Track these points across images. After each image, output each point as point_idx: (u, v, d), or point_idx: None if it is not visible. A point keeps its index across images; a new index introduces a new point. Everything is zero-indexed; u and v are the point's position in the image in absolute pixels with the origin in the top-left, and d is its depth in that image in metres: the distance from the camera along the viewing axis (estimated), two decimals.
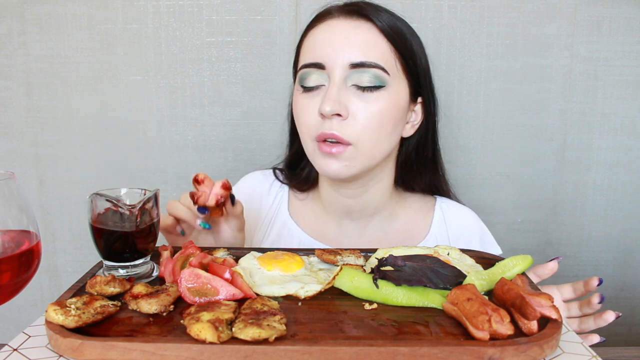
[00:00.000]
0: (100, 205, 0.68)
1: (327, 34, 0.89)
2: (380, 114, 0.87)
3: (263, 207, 1.07)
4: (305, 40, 0.94)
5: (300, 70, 0.91)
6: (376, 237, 1.01)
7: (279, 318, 0.56)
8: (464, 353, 0.51)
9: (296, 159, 1.07)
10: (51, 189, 1.34)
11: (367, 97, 0.86)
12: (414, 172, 1.03)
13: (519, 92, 1.30)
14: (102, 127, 1.30)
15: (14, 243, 0.62)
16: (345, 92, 0.86)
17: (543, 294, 0.58)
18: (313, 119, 0.88)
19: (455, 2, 1.25)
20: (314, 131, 0.88)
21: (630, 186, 1.35)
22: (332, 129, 0.85)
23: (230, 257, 0.74)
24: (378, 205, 1.00)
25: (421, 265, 0.67)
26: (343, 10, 0.90)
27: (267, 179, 1.09)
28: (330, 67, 0.87)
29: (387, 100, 0.87)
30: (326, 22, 0.90)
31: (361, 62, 0.86)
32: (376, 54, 0.87)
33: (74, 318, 0.55)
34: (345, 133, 0.86)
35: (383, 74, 0.87)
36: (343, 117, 0.85)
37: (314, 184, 1.05)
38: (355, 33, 0.87)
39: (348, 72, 0.86)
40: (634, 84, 1.30)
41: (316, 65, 0.88)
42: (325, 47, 0.88)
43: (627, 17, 1.26)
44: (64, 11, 1.25)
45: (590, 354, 0.55)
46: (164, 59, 1.27)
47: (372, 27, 0.88)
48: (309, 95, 0.90)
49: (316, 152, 0.89)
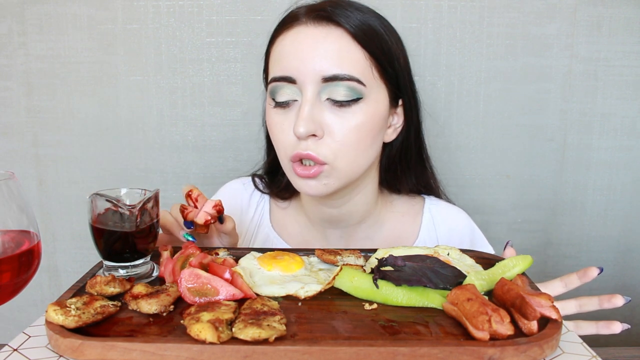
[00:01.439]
0: (100, 206, 0.68)
1: (295, 45, 0.82)
2: (358, 129, 0.82)
3: (244, 220, 1.03)
4: (273, 49, 0.87)
5: (270, 83, 0.85)
6: (363, 245, 0.98)
7: (279, 318, 0.56)
8: (464, 353, 0.51)
9: (274, 166, 1.02)
10: (51, 189, 1.34)
11: (342, 112, 0.81)
12: (398, 175, 0.98)
13: (519, 93, 1.30)
14: (102, 127, 1.30)
15: (14, 243, 0.62)
16: (320, 108, 0.81)
17: (543, 294, 0.58)
18: (288, 138, 0.83)
19: (455, 2, 1.25)
20: (289, 151, 0.83)
21: (630, 186, 1.35)
22: (307, 148, 0.81)
23: (230, 257, 0.74)
24: (363, 212, 0.96)
25: (421, 266, 0.67)
26: (311, 15, 0.83)
27: (247, 189, 1.06)
28: (302, 82, 0.81)
29: (365, 112, 0.82)
30: (294, 30, 0.83)
31: (334, 75, 0.79)
32: (350, 64, 0.80)
33: (74, 318, 0.55)
34: (320, 153, 0.81)
35: (358, 86, 0.81)
36: (318, 136, 0.81)
37: (295, 191, 1.01)
38: (325, 42, 0.80)
39: (321, 86, 0.80)
40: (634, 84, 1.30)
41: (286, 79, 0.82)
42: (295, 60, 0.81)
43: (627, 17, 1.26)
44: (64, 11, 1.25)
45: (590, 354, 0.55)
46: (164, 59, 1.27)
47: (343, 33, 0.81)
48: (282, 111, 0.84)
49: (292, 171, 0.85)
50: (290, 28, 0.84)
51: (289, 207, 1.04)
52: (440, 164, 1.31)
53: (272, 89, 0.85)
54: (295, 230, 1.02)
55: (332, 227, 0.98)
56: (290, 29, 0.84)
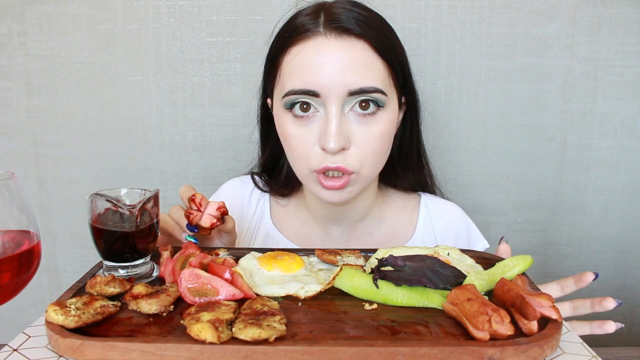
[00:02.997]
0: (100, 206, 0.68)
1: (318, 58, 0.81)
2: (381, 137, 0.84)
3: (245, 217, 1.04)
4: (287, 59, 0.84)
5: (288, 96, 0.83)
6: (363, 240, 1.00)
7: (279, 318, 0.56)
8: (464, 353, 0.52)
9: (271, 163, 1.03)
10: (51, 189, 1.34)
11: (367, 122, 0.83)
12: (397, 170, 1.00)
13: (519, 92, 1.29)
14: (102, 127, 1.30)
15: (14, 243, 0.62)
16: (345, 121, 0.82)
17: (543, 294, 0.58)
18: (313, 151, 0.83)
19: (455, 2, 1.25)
20: (314, 164, 0.83)
21: (630, 186, 1.35)
22: (336, 162, 0.81)
23: (230, 257, 0.74)
24: (367, 208, 0.98)
25: (421, 266, 0.67)
26: (332, 27, 0.82)
27: (247, 187, 1.06)
28: (326, 96, 0.80)
29: (385, 121, 0.84)
30: (313, 42, 0.82)
31: (360, 89, 0.80)
32: (373, 77, 0.82)
33: (74, 318, 0.55)
34: (349, 164, 0.82)
35: (382, 96, 0.82)
36: (346, 148, 0.82)
37: (295, 187, 1.03)
38: (350, 55, 0.80)
39: (346, 99, 0.81)
40: (634, 84, 1.29)
41: (309, 92, 0.81)
42: (319, 74, 0.80)
43: (627, 17, 1.26)
44: (64, 11, 1.25)
45: (590, 354, 0.55)
46: (164, 59, 1.27)
47: (365, 45, 0.82)
48: (302, 122, 0.83)
49: (315, 182, 0.86)
50: (307, 39, 0.83)
51: (289, 203, 1.05)
52: (441, 164, 1.31)
53: (290, 101, 0.84)
54: (297, 226, 1.02)
55: (334, 224, 0.99)
56: (308, 40, 0.83)
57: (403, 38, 0.92)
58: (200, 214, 0.77)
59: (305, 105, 0.83)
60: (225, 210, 0.78)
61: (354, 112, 0.82)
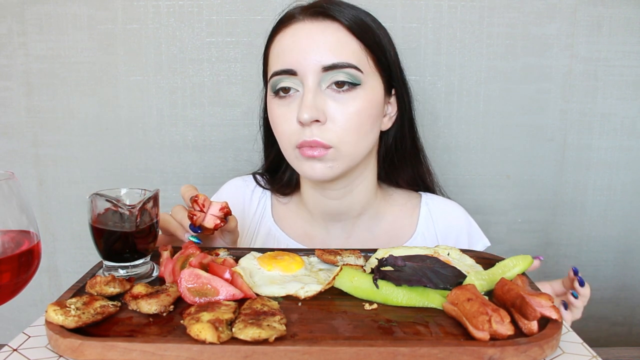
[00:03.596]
0: (100, 206, 0.68)
1: (295, 39, 0.87)
2: (359, 114, 0.86)
3: (246, 215, 1.05)
4: (272, 47, 0.92)
5: (272, 78, 0.89)
6: (363, 238, 1.01)
7: (279, 318, 0.56)
8: (464, 353, 0.51)
9: (276, 163, 1.05)
10: (51, 189, 1.34)
11: (343, 98, 0.86)
12: (395, 165, 1.02)
13: (519, 92, 1.30)
14: (102, 127, 1.30)
15: (14, 243, 0.62)
16: (321, 96, 0.85)
17: (543, 294, 0.58)
18: (292, 127, 0.87)
19: (455, 2, 1.25)
20: (294, 140, 0.87)
21: (630, 186, 1.35)
22: (312, 135, 0.85)
23: (230, 257, 0.74)
24: (364, 204, 0.99)
25: (421, 266, 0.67)
26: (307, 12, 0.88)
27: (248, 185, 1.08)
28: (303, 73, 0.85)
29: (363, 98, 0.87)
30: (291, 27, 0.88)
31: (333, 64, 0.84)
32: (347, 54, 0.86)
33: (74, 318, 0.55)
34: (325, 137, 0.85)
35: (357, 73, 0.86)
36: (322, 122, 0.85)
37: (296, 187, 1.04)
38: (323, 35, 0.86)
39: (321, 75, 0.85)
40: (634, 84, 1.30)
41: (287, 71, 0.86)
42: (295, 53, 0.86)
43: (627, 17, 1.26)
44: (64, 11, 1.25)
45: (590, 354, 0.55)
46: (164, 59, 1.27)
47: (339, 26, 0.87)
48: (284, 102, 0.88)
49: (298, 157, 0.88)
50: (287, 26, 0.89)
51: (290, 202, 1.06)
52: (441, 164, 1.31)
53: (273, 83, 0.89)
54: (297, 224, 1.03)
55: (334, 221, 1.00)
56: (287, 26, 0.89)
57: (403, 38, 0.93)
58: (204, 214, 0.77)
59: (287, 87, 0.88)
60: (228, 210, 0.78)
61: (330, 89, 0.86)
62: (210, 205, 0.77)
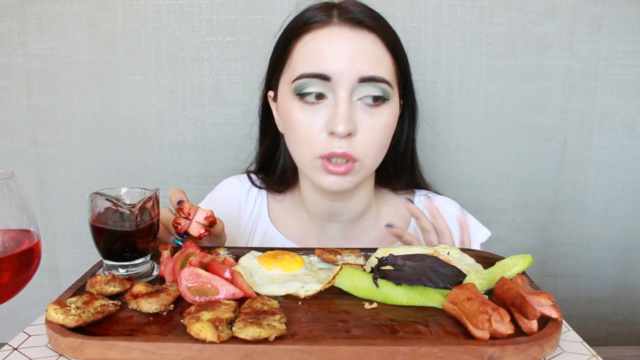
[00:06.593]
0: (100, 205, 0.68)
1: (332, 44, 0.84)
2: (384, 129, 0.87)
3: (242, 215, 1.05)
4: (298, 46, 0.87)
5: (298, 79, 0.85)
6: (360, 237, 1.01)
7: (279, 317, 0.56)
8: (464, 352, 0.52)
9: (268, 157, 1.04)
10: (51, 188, 1.34)
11: (373, 112, 0.85)
12: (389, 174, 1.02)
13: (519, 92, 1.29)
14: (102, 126, 1.30)
15: (14, 242, 0.62)
16: (353, 108, 0.84)
17: (543, 293, 0.58)
18: (319, 136, 0.84)
19: (455, 1, 1.25)
20: (320, 149, 0.85)
21: (630, 186, 1.35)
22: (342, 147, 0.83)
23: (230, 257, 0.74)
24: (364, 207, 0.99)
25: (421, 265, 0.67)
26: (346, 19, 0.85)
27: (244, 185, 1.07)
28: (338, 80, 0.83)
29: (389, 114, 0.87)
30: (326, 30, 0.85)
31: (371, 77, 0.83)
32: (384, 68, 0.85)
33: (74, 317, 0.55)
34: (355, 150, 0.84)
35: (388, 88, 0.86)
36: (353, 134, 0.84)
37: (290, 183, 1.03)
38: (363, 45, 0.84)
39: (355, 86, 0.84)
40: (634, 84, 1.29)
41: (320, 76, 0.83)
42: (332, 58, 0.83)
43: (627, 17, 1.26)
44: (64, 11, 1.25)
45: (591, 353, 0.55)
46: (164, 58, 1.27)
47: (377, 39, 0.86)
48: (311, 108, 0.85)
49: (318, 168, 0.86)
50: (321, 28, 0.86)
51: (285, 199, 1.05)
52: (441, 163, 1.31)
53: (299, 85, 0.85)
54: (294, 224, 1.03)
55: (332, 221, 1.00)
56: (321, 28, 0.86)
57: (403, 37, 0.93)
58: (189, 222, 0.77)
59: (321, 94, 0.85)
60: (213, 219, 0.78)
61: (361, 101, 0.85)
62: (197, 212, 0.78)
